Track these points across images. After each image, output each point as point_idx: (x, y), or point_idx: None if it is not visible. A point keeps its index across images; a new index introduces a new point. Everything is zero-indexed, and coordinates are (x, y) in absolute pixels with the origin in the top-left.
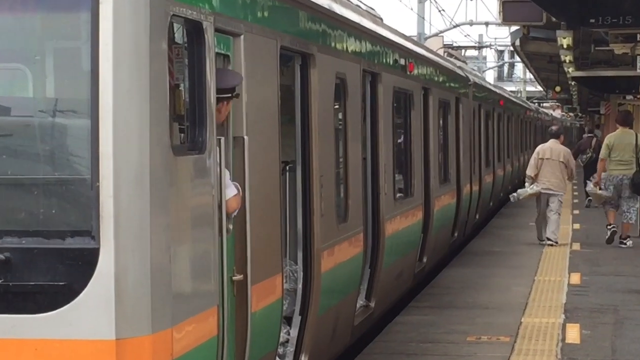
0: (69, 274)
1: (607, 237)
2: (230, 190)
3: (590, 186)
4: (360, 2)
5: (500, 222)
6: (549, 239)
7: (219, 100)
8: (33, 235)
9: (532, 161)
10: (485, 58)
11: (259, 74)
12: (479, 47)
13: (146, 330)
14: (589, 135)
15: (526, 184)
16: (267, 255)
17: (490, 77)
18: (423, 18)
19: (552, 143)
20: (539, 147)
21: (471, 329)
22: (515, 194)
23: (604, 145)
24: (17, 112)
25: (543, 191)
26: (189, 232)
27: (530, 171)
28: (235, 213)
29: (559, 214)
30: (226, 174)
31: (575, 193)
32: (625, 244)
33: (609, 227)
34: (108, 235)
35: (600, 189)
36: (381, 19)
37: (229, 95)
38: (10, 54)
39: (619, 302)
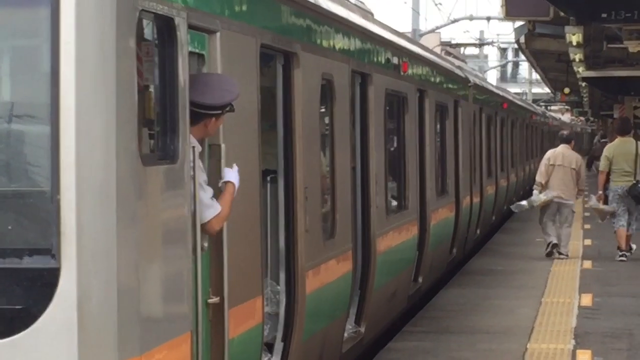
0: (26, 296)
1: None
2: (213, 211)
3: (593, 201)
4: None
5: (503, 238)
6: (560, 253)
7: (205, 115)
8: None
9: (541, 167)
10: (486, 57)
11: (236, 75)
12: (480, 45)
13: (112, 358)
14: (603, 140)
15: (534, 192)
16: (246, 276)
17: (492, 77)
18: (418, 13)
19: (563, 148)
20: (549, 153)
21: (472, 356)
22: (523, 203)
23: (603, 157)
24: None
25: (555, 200)
26: (160, 250)
27: (540, 178)
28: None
29: (571, 226)
30: (208, 192)
31: (587, 205)
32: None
33: (620, 254)
34: (70, 253)
35: (604, 203)
36: (372, 14)
37: (219, 112)
38: None
39: (634, 326)
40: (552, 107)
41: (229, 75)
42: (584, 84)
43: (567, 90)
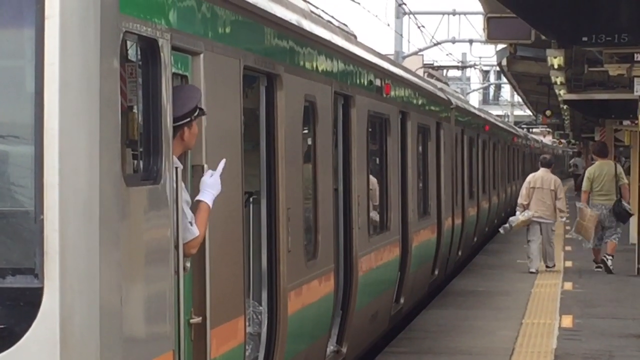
0: (9, 316)
1: (603, 269)
2: (190, 234)
3: (580, 204)
4: (333, 18)
5: (485, 260)
6: (547, 267)
7: (177, 128)
8: None
9: (523, 190)
10: (469, 79)
11: (220, 96)
12: (462, 67)
13: None
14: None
15: (517, 212)
16: (228, 296)
17: (474, 99)
18: (401, 35)
19: (543, 172)
20: (530, 176)
21: None
22: (506, 225)
23: (585, 178)
24: None
25: (534, 219)
26: (143, 270)
27: (521, 199)
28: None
29: (553, 244)
30: (187, 215)
31: (568, 227)
32: (606, 262)
33: (596, 266)
34: (53, 273)
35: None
36: (355, 37)
37: (188, 119)
38: None
39: (615, 347)
40: (534, 130)
41: (212, 96)
42: (565, 106)
43: (548, 112)
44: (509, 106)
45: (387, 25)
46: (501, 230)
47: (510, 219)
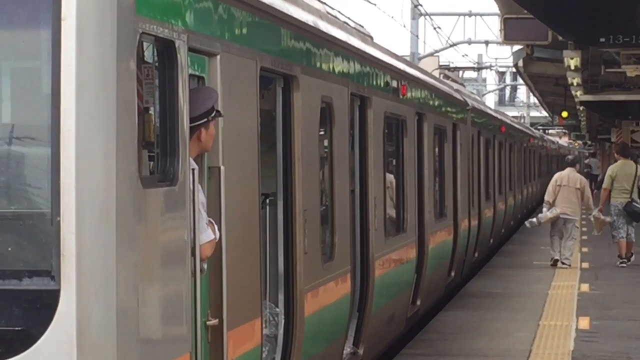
0: (26, 318)
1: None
2: (206, 236)
3: (595, 212)
4: (349, 19)
5: (501, 261)
6: (563, 263)
7: (194, 129)
8: None
9: (550, 188)
10: (485, 80)
11: (236, 97)
12: (478, 69)
13: None
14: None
15: (544, 209)
16: (245, 298)
17: (490, 101)
18: (417, 36)
19: (569, 171)
20: (557, 175)
21: None
22: (534, 220)
23: (606, 176)
24: None
25: (560, 216)
26: (159, 272)
27: (548, 197)
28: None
29: (575, 238)
30: (203, 217)
31: (585, 229)
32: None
33: (620, 261)
34: (69, 275)
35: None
36: (371, 38)
37: (205, 120)
38: None
39: (632, 349)
40: (550, 131)
41: (229, 97)
42: (581, 107)
43: (564, 113)
44: (525, 107)
45: (403, 27)
46: (527, 224)
47: (539, 215)
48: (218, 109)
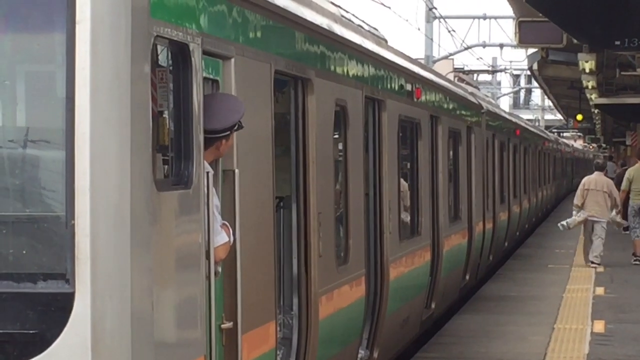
0: (41, 321)
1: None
2: (220, 238)
3: (613, 213)
4: (363, 22)
5: (516, 265)
6: (592, 262)
7: (215, 139)
8: (1, 278)
9: (578, 192)
10: (499, 83)
11: (251, 100)
12: (493, 72)
13: None
14: (625, 168)
15: (574, 212)
16: (260, 301)
17: (505, 104)
18: (431, 39)
19: (596, 175)
20: (585, 179)
21: None
22: (564, 223)
23: (625, 179)
24: None
25: (589, 218)
26: (174, 275)
27: (577, 200)
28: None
29: (602, 238)
30: (218, 219)
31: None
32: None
33: (634, 259)
34: (84, 278)
35: (622, 217)
36: (385, 41)
37: (227, 133)
38: None
39: None
40: (565, 134)
41: (243, 100)
42: (596, 110)
43: (579, 117)
44: (540, 110)
45: (418, 30)
46: (560, 227)
47: (569, 220)
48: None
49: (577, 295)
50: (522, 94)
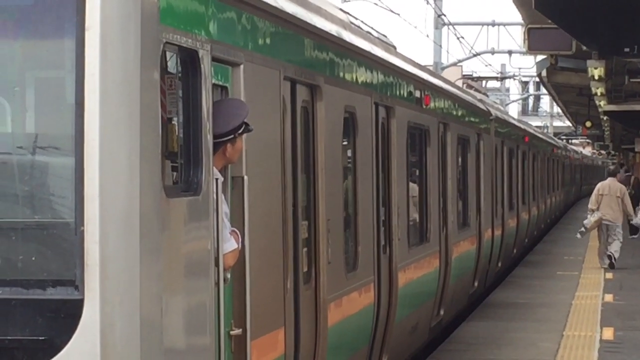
0: (50, 327)
1: None
2: (229, 245)
3: (637, 219)
4: (372, 29)
5: (525, 272)
6: (610, 256)
7: (220, 144)
8: (10, 284)
9: (593, 196)
10: (508, 90)
11: (260, 107)
12: (502, 78)
13: None
14: (627, 174)
15: (588, 215)
16: (269, 308)
17: (513, 110)
18: (440, 46)
19: (610, 181)
20: (599, 185)
21: None
22: (582, 229)
23: None
24: None
25: (603, 221)
26: (183, 281)
27: (591, 205)
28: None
29: (619, 240)
30: (227, 226)
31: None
32: None
33: None
34: (93, 284)
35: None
36: (394, 48)
37: (232, 137)
38: None
39: None
40: (573, 141)
41: (252, 107)
42: (605, 117)
43: (588, 123)
44: (549, 117)
45: (427, 36)
46: (579, 236)
47: (584, 222)
48: (247, 123)
49: (586, 302)
50: (531, 100)
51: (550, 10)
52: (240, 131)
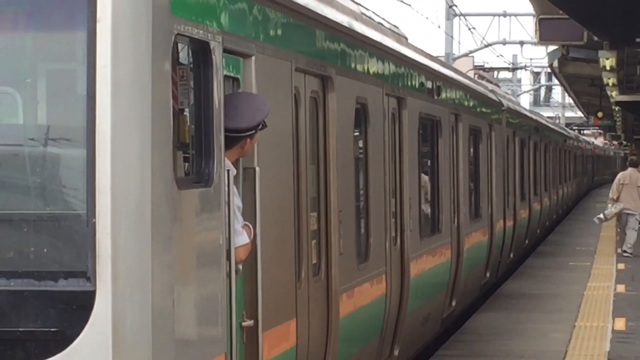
0: (61, 319)
1: None
2: (241, 239)
3: None
4: (384, 20)
5: (537, 262)
6: (625, 252)
7: (240, 138)
8: (22, 276)
9: (614, 186)
10: (519, 81)
11: (271, 98)
12: (513, 69)
13: None
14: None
15: (609, 205)
16: (280, 299)
17: (525, 101)
18: (452, 37)
19: (631, 171)
20: (620, 174)
21: None
22: (601, 216)
23: None
24: (5, 140)
25: (624, 211)
26: (194, 273)
27: (612, 194)
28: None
29: (635, 229)
30: (238, 220)
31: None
32: None
33: None
34: (105, 276)
35: None
36: (406, 38)
37: (252, 132)
38: None
39: None
40: (585, 131)
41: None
42: (617, 108)
43: (600, 114)
44: (560, 108)
45: (438, 27)
46: (596, 221)
47: (605, 212)
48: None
49: (598, 293)
50: (543, 91)
51: (561, 1)
52: (260, 127)
